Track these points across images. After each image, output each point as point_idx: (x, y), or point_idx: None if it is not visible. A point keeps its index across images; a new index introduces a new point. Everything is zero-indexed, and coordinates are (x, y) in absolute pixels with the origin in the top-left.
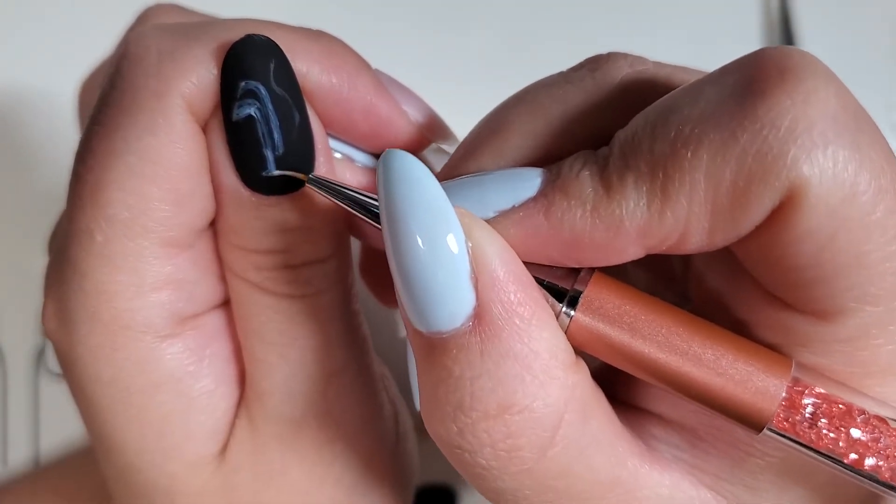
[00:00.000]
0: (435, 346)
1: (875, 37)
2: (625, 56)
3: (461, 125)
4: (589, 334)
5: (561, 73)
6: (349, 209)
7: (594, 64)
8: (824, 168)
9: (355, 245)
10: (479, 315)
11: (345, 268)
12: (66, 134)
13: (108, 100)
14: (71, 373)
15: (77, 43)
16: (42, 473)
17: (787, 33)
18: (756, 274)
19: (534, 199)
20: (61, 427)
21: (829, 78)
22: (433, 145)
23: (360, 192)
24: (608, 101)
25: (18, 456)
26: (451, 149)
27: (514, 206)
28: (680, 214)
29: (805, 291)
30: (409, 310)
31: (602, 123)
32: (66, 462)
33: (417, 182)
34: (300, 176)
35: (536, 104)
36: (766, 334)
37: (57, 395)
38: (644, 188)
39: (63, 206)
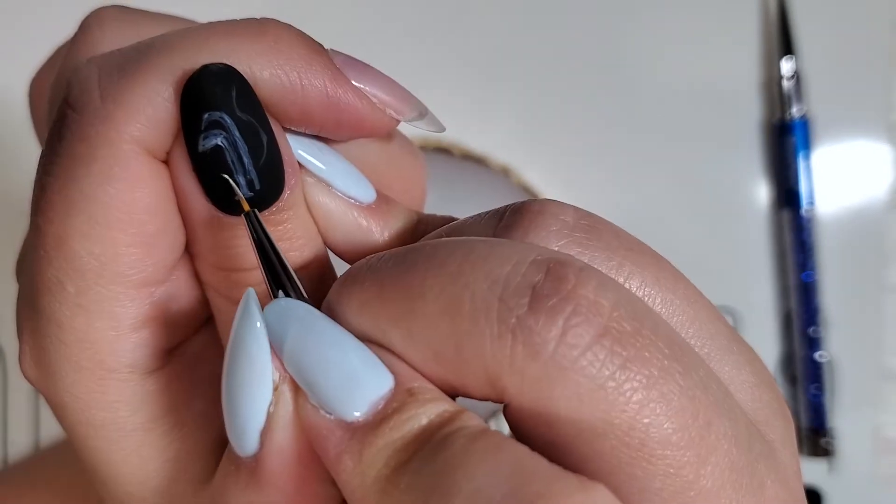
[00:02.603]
0: (230, 454)
1: (874, 37)
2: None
3: (457, 128)
4: None
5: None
6: (255, 251)
7: (512, 219)
8: None
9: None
10: (258, 462)
11: (330, 278)
12: None
13: (57, 150)
14: (61, 417)
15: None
16: (40, 462)
17: (785, 34)
18: None
19: (343, 428)
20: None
21: None
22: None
23: (281, 254)
24: None
25: (18, 455)
26: (425, 125)
27: (327, 416)
28: None
29: None
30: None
31: None
32: (65, 452)
33: (251, 357)
34: (244, 206)
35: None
36: None
37: None
38: None
39: None
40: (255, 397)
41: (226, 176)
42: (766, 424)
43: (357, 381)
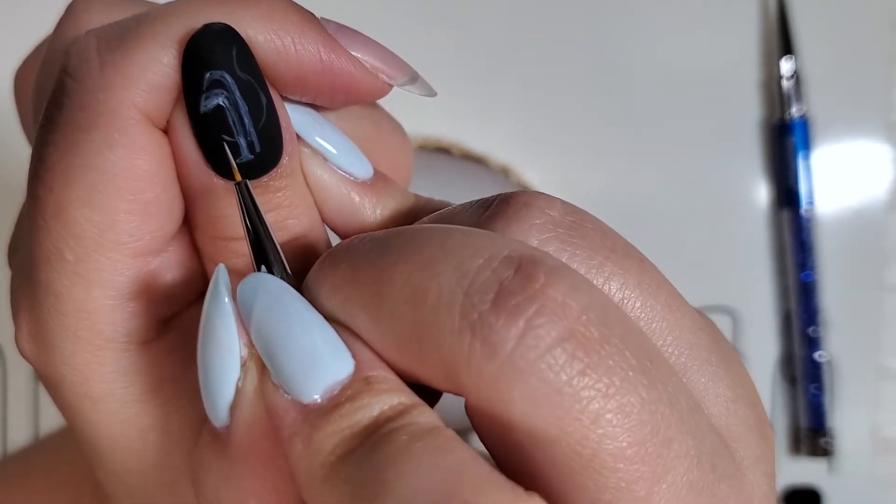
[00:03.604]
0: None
1: (874, 37)
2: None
3: (457, 128)
4: None
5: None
6: (242, 222)
7: (497, 209)
8: None
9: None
10: (229, 433)
11: (325, 247)
12: None
13: (56, 119)
14: (57, 393)
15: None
16: (37, 451)
17: (785, 34)
18: None
19: (298, 410)
20: (60, 421)
21: None
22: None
23: (269, 227)
24: None
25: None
26: (417, 89)
27: (285, 395)
28: None
29: None
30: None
31: None
32: (61, 439)
33: (218, 333)
34: (236, 176)
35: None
36: None
37: None
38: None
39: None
40: (224, 371)
41: (225, 137)
42: (739, 441)
43: (316, 362)
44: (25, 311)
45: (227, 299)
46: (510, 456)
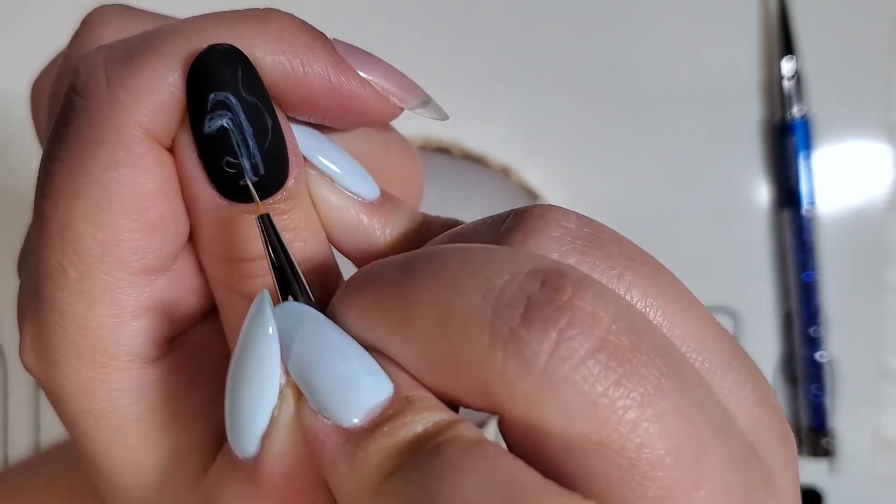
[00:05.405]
0: (228, 452)
1: (874, 37)
2: (554, 221)
3: (458, 128)
4: None
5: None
6: (266, 251)
7: (511, 226)
8: None
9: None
10: (256, 466)
11: (333, 272)
12: None
13: (63, 135)
14: (60, 408)
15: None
16: (38, 464)
17: (785, 34)
18: None
19: (339, 433)
20: (61, 427)
21: None
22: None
23: (292, 258)
24: None
25: (19, 456)
26: (428, 112)
27: (325, 421)
28: None
29: None
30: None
31: None
32: (62, 453)
33: (260, 359)
34: (259, 209)
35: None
36: None
37: None
38: None
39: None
40: (261, 399)
41: (229, 159)
42: (765, 446)
43: (356, 387)
44: (30, 325)
45: (272, 329)
46: (548, 470)
